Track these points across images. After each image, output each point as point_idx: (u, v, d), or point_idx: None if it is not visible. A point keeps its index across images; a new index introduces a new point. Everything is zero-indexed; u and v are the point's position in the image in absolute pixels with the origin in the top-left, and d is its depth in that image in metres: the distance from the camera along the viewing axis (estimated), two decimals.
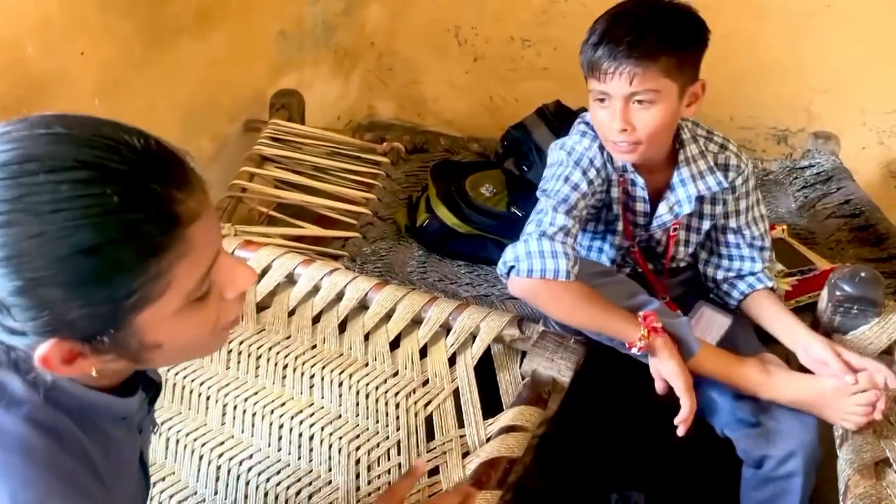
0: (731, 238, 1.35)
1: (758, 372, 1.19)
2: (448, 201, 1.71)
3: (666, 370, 1.14)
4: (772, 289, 1.34)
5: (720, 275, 1.37)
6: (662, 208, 1.28)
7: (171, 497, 1.10)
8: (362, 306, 1.32)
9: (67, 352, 0.56)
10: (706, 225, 1.33)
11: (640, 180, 1.26)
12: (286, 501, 1.09)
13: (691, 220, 1.33)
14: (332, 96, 2.50)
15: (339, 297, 1.32)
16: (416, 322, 1.29)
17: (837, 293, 1.21)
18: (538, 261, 1.12)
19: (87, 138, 0.55)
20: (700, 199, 1.28)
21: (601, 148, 1.23)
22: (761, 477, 1.20)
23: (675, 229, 1.33)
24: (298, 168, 1.88)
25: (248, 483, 1.11)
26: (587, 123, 1.26)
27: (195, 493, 1.11)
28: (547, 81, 2.40)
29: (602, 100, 1.16)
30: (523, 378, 1.22)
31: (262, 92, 2.08)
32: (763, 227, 1.35)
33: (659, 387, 1.16)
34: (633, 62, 1.10)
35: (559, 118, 1.74)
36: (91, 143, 0.54)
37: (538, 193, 1.24)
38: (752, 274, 1.34)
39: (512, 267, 1.15)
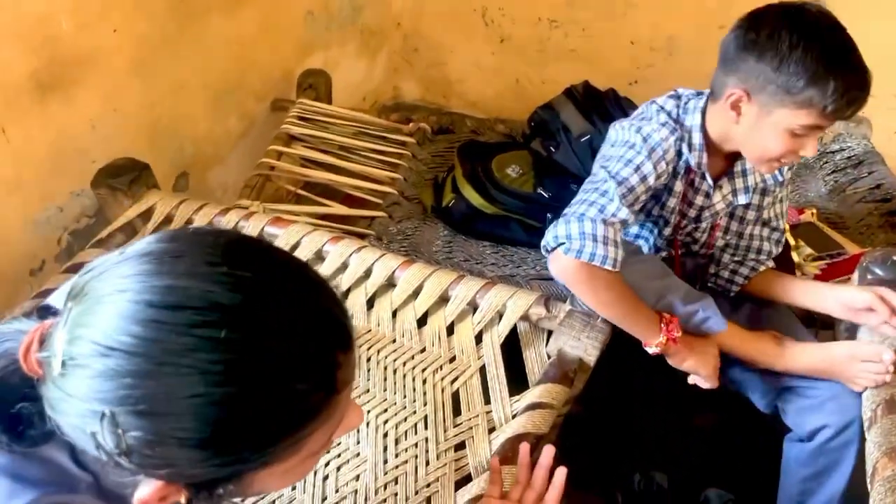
0: (754, 227, 1.35)
1: (773, 344, 1.22)
2: (474, 182, 1.71)
3: (686, 368, 1.19)
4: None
5: (726, 258, 1.37)
6: (716, 198, 1.28)
7: None
8: (390, 284, 1.33)
9: (167, 493, 0.53)
10: (751, 215, 1.33)
11: (710, 180, 1.24)
12: (314, 472, 1.10)
13: (736, 209, 1.33)
14: (358, 77, 2.50)
15: (367, 274, 1.34)
16: (444, 300, 1.30)
17: (869, 276, 1.20)
18: (591, 244, 1.09)
19: (272, 297, 0.51)
20: (753, 190, 1.29)
21: (677, 141, 1.20)
22: (812, 450, 1.20)
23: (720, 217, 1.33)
24: (325, 147, 1.89)
25: None
26: (669, 114, 1.22)
27: None
28: (574, 63, 2.38)
29: (805, 134, 1.13)
30: (549, 357, 1.23)
31: (290, 71, 2.09)
32: (784, 210, 1.37)
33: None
34: None
35: (588, 99, 1.74)
36: (277, 305, 0.51)
37: (599, 169, 1.19)
38: (757, 259, 1.36)
39: (562, 243, 1.12)
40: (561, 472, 0.90)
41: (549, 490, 0.89)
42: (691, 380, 1.22)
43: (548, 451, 0.92)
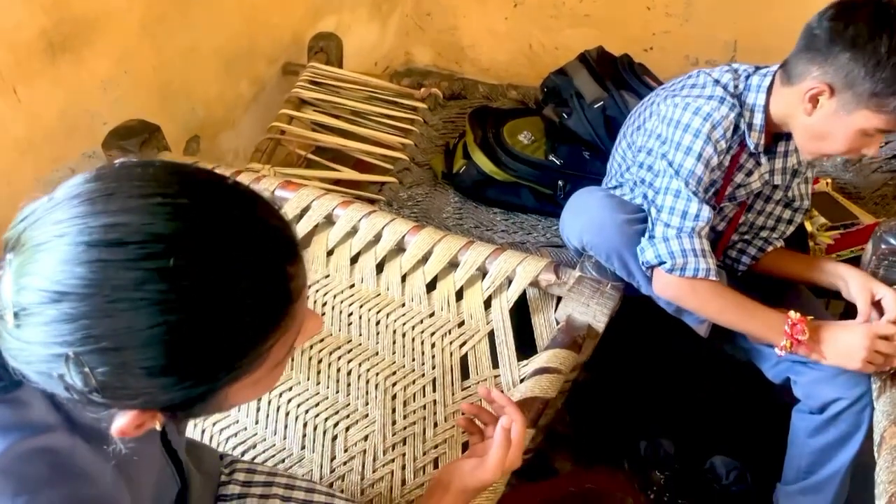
0: (776, 207, 1.34)
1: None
2: (485, 148, 1.70)
3: (830, 364, 1.14)
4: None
5: (735, 235, 1.36)
6: (754, 177, 1.26)
7: (213, 424, 1.14)
8: (399, 248, 1.33)
9: (143, 419, 0.54)
10: (778, 195, 1.32)
11: (763, 160, 1.23)
12: (324, 433, 1.12)
13: (764, 188, 1.31)
14: (370, 41, 2.48)
15: (377, 238, 1.34)
16: (453, 265, 1.30)
17: (883, 246, 1.19)
18: (693, 259, 1.12)
19: (211, 219, 0.51)
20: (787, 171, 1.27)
21: (736, 117, 1.16)
22: (822, 421, 1.20)
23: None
24: (336, 112, 1.88)
25: (287, 414, 1.15)
26: (725, 87, 1.17)
27: (237, 422, 1.15)
28: (589, 29, 2.34)
29: (874, 136, 1.10)
30: (558, 323, 1.23)
31: (301, 35, 2.07)
32: (808, 190, 1.34)
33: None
34: None
35: (602, 65, 1.71)
36: (218, 226, 0.51)
37: (659, 156, 1.17)
38: (768, 238, 1.34)
39: (663, 262, 1.14)
40: (499, 394, 0.87)
41: (507, 409, 0.85)
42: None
43: (482, 389, 0.90)
